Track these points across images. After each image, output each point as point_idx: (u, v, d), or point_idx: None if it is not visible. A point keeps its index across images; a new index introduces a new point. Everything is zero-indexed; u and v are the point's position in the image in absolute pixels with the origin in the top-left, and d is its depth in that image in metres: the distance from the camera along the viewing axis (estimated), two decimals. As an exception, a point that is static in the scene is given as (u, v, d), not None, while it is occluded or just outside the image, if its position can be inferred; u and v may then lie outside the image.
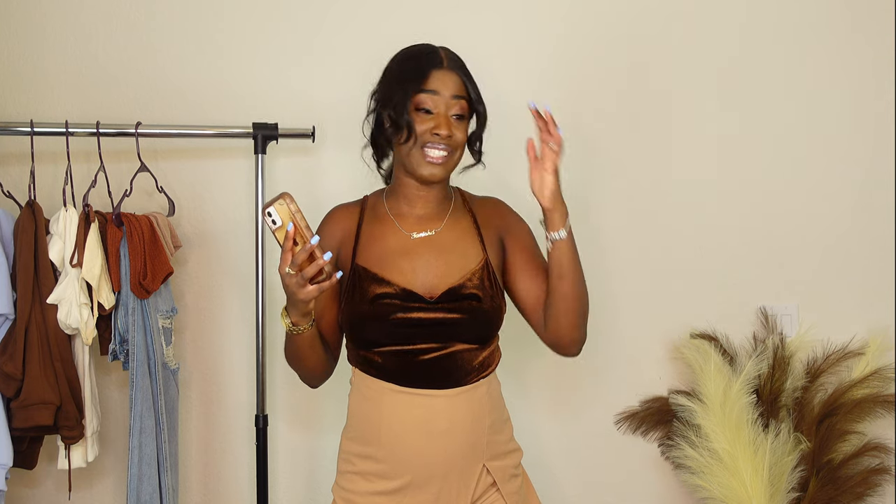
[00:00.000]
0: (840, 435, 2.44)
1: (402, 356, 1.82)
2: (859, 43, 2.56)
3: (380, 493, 1.83)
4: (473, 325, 1.83)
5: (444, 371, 1.82)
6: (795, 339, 2.52)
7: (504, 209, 1.98)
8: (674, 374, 2.54)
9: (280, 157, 2.46)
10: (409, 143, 1.82)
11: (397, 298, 1.81)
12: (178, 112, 2.42)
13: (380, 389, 1.83)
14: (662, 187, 2.54)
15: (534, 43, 2.53)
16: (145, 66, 2.43)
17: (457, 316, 1.82)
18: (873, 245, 2.56)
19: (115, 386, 2.42)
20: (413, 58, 1.86)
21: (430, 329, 1.81)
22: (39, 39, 2.40)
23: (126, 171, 2.30)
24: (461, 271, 1.85)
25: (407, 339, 1.82)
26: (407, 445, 1.81)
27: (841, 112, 2.56)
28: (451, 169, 1.86)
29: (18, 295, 2.11)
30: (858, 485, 2.42)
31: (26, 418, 2.08)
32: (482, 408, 1.84)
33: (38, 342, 2.11)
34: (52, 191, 2.29)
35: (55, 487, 2.40)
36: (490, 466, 1.86)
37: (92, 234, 2.15)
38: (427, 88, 1.81)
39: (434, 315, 1.82)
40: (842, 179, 2.56)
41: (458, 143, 1.84)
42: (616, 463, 2.55)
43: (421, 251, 1.87)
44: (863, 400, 2.44)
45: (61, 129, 2.21)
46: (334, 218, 1.96)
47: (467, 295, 1.83)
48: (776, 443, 2.35)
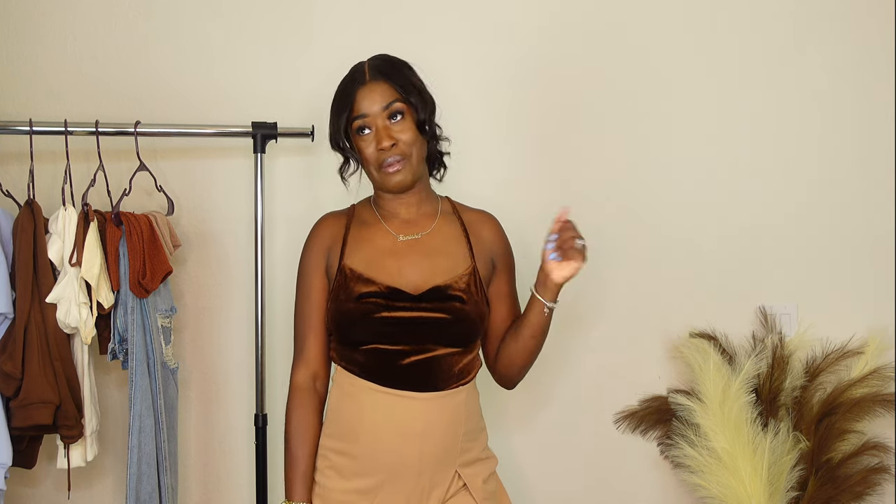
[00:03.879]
0: (839, 434, 2.43)
1: (385, 356, 1.86)
2: (860, 40, 2.55)
3: (354, 491, 1.87)
4: (456, 326, 1.88)
5: (425, 374, 1.87)
6: (795, 338, 2.51)
7: (499, 230, 2.04)
8: (673, 374, 2.54)
9: (279, 157, 2.46)
10: (366, 165, 1.92)
11: (382, 297, 1.86)
12: (178, 112, 2.42)
13: (361, 387, 1.87)
14: (661, 185, 2.53)
15: (534, 37, 2.52)
16: (144, 66, 2.43)
17: (441, 315, 1.87)
18: (873, 244, 2.55)
19: (114, 385, 2.42)
20: (340, 88, 1.95)
21: (414, 328, 1.86)
22: (39, 39, 2.40)
23: (125, 170, 2.29)
24: (448, 273, 1.91)
25: (390, 337, 1.86)
26: (383, 444, 1.85)
27: (841, 110, 2.55)
28: (415, 169, 1.93)
29: (18, 294, 2.11)
30: (857, 484, 2.41)
31: (25, 417, 2.08)
32: (458, 415, 1.89)
33: (37, 341, 2.11)
34: (52, 190, 2.29)
35: (54, 487, 2.40)
36: (462, 472, 1.91)
37: (91, 234, 2.15)
38: (356, 114, 1.90)
39: (418, 314, 1.86)
40: (841, 178, 2.55)
41: (407, 143, 1.89)
42: (615, 463, 2.55)
43: (407, 252, 1.92)
44: (862, 399, 2.43)
45: (60, 128, 2.21)
46: (323, 225, 2.01)
47: (453, 296, 1.88)
48: (775, 442, 2.35)
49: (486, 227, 2.01)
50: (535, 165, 2.52)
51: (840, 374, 2.49)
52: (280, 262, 2.45)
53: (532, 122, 2.51)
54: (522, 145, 2.52)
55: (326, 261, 1.95)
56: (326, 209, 2.07)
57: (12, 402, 2.09)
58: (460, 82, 2.45)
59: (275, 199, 2.45)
